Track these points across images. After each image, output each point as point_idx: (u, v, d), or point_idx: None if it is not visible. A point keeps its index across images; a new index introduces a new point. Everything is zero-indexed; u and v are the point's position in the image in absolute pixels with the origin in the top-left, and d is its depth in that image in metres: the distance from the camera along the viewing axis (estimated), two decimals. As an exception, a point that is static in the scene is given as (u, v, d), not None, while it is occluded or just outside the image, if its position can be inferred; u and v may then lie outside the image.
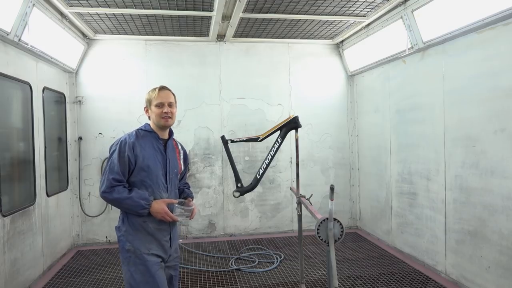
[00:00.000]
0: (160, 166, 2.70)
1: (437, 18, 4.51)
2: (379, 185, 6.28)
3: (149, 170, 2.65)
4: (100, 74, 6.39)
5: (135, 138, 2.68)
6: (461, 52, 4.33)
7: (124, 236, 2.65)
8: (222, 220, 6.76)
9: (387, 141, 5.98)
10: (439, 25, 4.50)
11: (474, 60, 4.14)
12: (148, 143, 2.70)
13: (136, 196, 2.58)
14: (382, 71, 6.08)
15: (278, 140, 4.45)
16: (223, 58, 6.71)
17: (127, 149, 2.63)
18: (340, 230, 3.24)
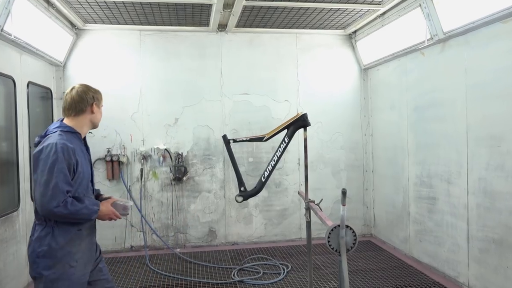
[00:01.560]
0: (89, 169, 2.82)
1: (458, 6, 4.55)
2: (395, 189, 6.33)
3: (83, 175, 2.73)
4: (90, 68, 6.46)
5: (69, 142, 2.66)
6: (485, 44, 4.37)
7: (47, 252, 2.62)
8: (223, 227, 6.83)
9: (404, 140, 6.02)
10: (461, 14, 4.53)
11: (499, 52, 4.18)
12: (77, 146, 2.73)
13: (89, 204, 2.68)
14: (399, 64, 6.13)
15: (285, 139, 4.46)
16: (225, 50, 6.79)
17: (72, 156, 2.64)
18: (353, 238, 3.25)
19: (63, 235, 2.66)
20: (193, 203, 6.74)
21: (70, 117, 2.85)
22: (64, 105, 2.88)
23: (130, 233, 6.59)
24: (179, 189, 6.69)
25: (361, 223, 7.23)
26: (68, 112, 2.85)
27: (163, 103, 6.63)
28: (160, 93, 6.64)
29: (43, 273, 2.62)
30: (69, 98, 2.85)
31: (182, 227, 6.72)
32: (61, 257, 2.65)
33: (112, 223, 6.36)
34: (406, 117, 5.97)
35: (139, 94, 6.58)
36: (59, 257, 2.64)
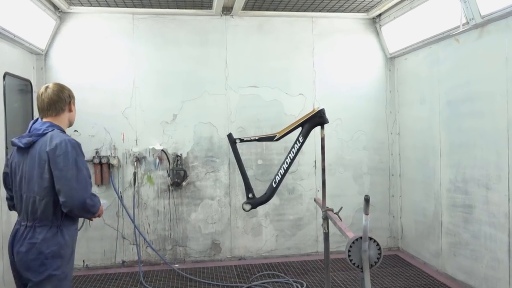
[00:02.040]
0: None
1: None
2: (425, 196, 6.43)
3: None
4: (75, 56, 6.57)
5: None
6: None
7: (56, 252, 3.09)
8: (228, 240, 6.96)
9: (436, 139, 6.12)
10: (502, -5, 4.56)
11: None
12: None
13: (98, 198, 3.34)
14: (430, 53, 6.23)
15: (299, 139, 4.57)
16: (230, 36, 6.92)
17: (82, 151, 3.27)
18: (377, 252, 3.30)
19: (69, 234, 3.19)
20: (194, 212, 6.87)
21: (49, 117, 3.27)
22: (41, 106, 3.27)
23: (122, 246, 6.72)
24: (177, 196, 6.82)
25: (387, 235, 7.34)
26: (47, 112, 3.26)
27: (159, 97, 6.75)
28: (156, 86, 6.76)
29: (54, 274, 3.07)
30: (46, 99, 3.25)
31: (181, 240, 6.84)
32: (69, 255, 3.19)
33: (101, 235, 6.58)
34: (438, 113, 6.06)
35: (132, 87, 6.70)
36: (67, 256, 3.17)
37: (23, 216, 3.19)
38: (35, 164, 3.11)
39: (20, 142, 3.15)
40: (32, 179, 3.13)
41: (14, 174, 3.28)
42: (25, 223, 3.14)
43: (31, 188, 3.13)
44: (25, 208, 3.15)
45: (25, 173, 3.17)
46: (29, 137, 3.14)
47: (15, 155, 3.28)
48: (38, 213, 3.10)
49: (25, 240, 3.08)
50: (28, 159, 3.16)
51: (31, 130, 3.22)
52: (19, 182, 3.22)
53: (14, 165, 3.28)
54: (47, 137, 3.12)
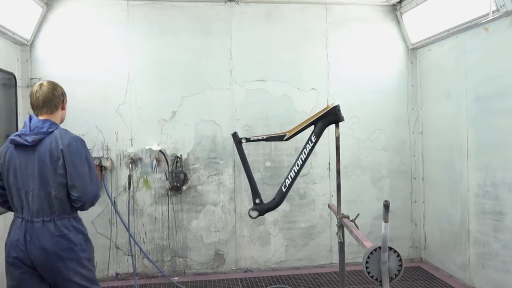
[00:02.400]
0: None
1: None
2: (451, 201, 6.51)
3: None
4: (64, 47, 6.67)
5: None
6: None
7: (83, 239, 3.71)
8: (233, 250, 7.06)
9: (463, 139, 6.18)
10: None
11: None
12: None
13: None
14: (456, 43, 6.31)
15: (311, 138, 4.69)
16: (235, 25, 7.03)
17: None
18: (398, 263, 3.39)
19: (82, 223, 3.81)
20: (195, 219, 6.96)
21: (45, 115, 3.71)
22: (36, 103, 3.71)
23: (115, 257, 6.81)
24: (177, 202, 6.93)
25: (408, 245, 7.41)
26: (42, 110, 3.71)
27: (157, 92, 6.85)
28: (153, 80, 6.86)
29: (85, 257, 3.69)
30: (41, 96, 3.68)
31: (181, 250, 6.93)
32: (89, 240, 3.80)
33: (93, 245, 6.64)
34: (465, 110, 6.12)
35: (127, 80, 6.81)
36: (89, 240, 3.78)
37: (33, 212, 3.56)
38: (46, 161, 3.54)
39: (24, 141, 3.52)
40: (44, 176, 3.55)
41: (11, 171, 3.62)
42: (40, 219, 3.55)
43: (44, 184, 3.55)
44: (38, 204, 3.54)
45: (34, 170, 3.56)
46: (35, 135, 3.55)
47: (13, 153, 3.61)
48: (55, 207, 3.58)
49: (49, 233, 3.53)
50: (35, 156, 3.56)
51: (32, 128, 3.58)
52: (22, 179, 3.58)
53: (11, 162, 3.61)
54: (55, 135, 3.58)
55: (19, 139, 3.55)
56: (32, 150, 3.57)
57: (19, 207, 3.63)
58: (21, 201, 3.62)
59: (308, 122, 4.73)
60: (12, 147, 3.63)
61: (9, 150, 3.65)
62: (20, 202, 3.62)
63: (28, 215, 3.57)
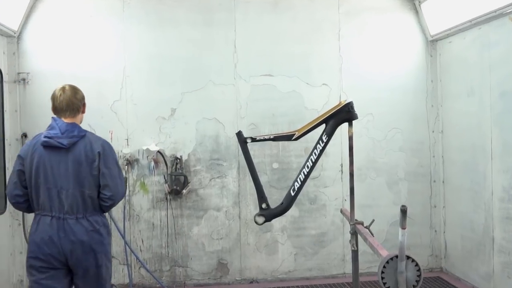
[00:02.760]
0: None
1: None
2: (474, 206, 6.32)
3: None
4: (54, 39, 6.49)
5: None
6: None
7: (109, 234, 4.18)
8: (237, 259, 6.85)
9: (487, 139, 6.01)
10: None
11: None
12: None
13: None
14: (479, 34, 6.14)
15: (322, 138, 4.49)
16: (240, 15, 6.84)
17: None
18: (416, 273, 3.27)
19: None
20: (196, 225, 6.77)
21: (69, 118, 4.04)
22: (60, 107, 4.04)
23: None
24: (177, 207, 6.73)
25: (428, 253, 7.22)
26: (65, 113, 4.04)
27: (155, 88, 6.68)
28: (150, 75, 6.70)
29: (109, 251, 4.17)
30: (64, 100, 4.03)
31: (181, 259, 6.75)
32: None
33: None
34: (489, 107, 5.96)
35: (122, 75, 6.63)
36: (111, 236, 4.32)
37: (66, 210, 3.90)
38: (82, 162, 3.93)
39: (60, 143, 3.88)
40: (79, 176, 3.93)
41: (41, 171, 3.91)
42: (73, 216, 3.91)
43: (79, 184, 3.93)
44: (68, 201, 3.90)
45: (67, 170, 3.91)
46: (69, 138, 3.92)
47: (44, 154, 3.91)
48: (88, 205, 3.98)
49: (84, 228, 3.93)
50: (69, 158, 3.91)
51: (63, 131, 3.92)
52: (54, 179, 3.90)
53: (41, 163, 3.91)
54: (89, 139, 4.03)
55: (53, 141, 3.88)
56: (66, 152, 3.91)
57: (48, 205, 3.91)
58: (51, 200, 3.91)
59: (319, 120, 4.59)
60: (41, 148, 3.91)
61: (37, 151, 3.93)
62: (50, 200, 3.91)
63: (59, 212, 3.90)
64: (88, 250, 3.94)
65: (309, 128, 4.62)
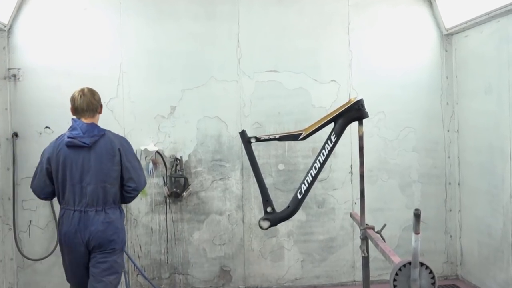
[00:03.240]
0: None
1: None
2: (492, 210, 6.16)
3: None
4: (46, 33, 6.43)
5: None
6: None
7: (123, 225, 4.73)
8: (241, 266, 6.75)
9: (505, 139, 5.83)
10: None
11: None
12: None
13: None
14: (497, 28, 5.96)
15: (331, 138, 4.46)
16: (244, 8, 6.74)
17: None
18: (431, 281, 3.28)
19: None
20: (197, 230, 6.68)
21: (88, 118, 4.57)
22: (80, 108, 4.56)
23: None
24: (176, 210, 6.64)
25: (443, 260, 7.05)
26: (85, 114, 4.57)
27: (153, 84, 6.61)
28: (149, 71, 6.62)
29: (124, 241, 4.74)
30: (84, 102, 4.55)
31: (181, 266, 6.66)
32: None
33: None
34: (508, 105, 5.77)
35: (119, 72, 6.56)
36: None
37: (87, 203, 4.42)
38: (104, 159, 4.46)
39: (83, 143, 4.41)
40: (101, 172, 4.45)
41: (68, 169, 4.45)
42: (94, 208, 4.43)
43: (101, 179, 4.44)
44: (91, 196, 4.42)
45: (89, 167, 4.43)
46: (91, 137, 4.45)
47: (68, 153, 4.44)
48: (107, 198, 4.50)
49: (101, 220, 4.44)
50: (91, 155, 4.43)
51: (84, 131, 4.45)
52: (78, 175, 4.42)
53: (67, 161, 4.44)
54: (108, 137, 4.57)
55: (76, 141, 4.41)
56: (88, 150, 4.44)
57: (71, 200, 4.46)
58: (75, 195, 4.45)
59: (328, 119, 4.54)
60: (65, 148, 4.44)
61: (62, 151, 4.46)
62: (73, 195, 4.45)
63: (81, 206, 4.44)
64: (104, 239, 4.48)
65: (317, 127, 4.59)
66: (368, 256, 4.52)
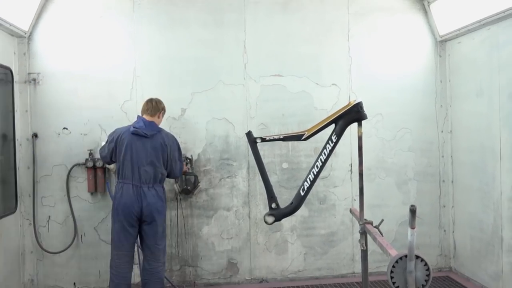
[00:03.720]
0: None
1: None
2: (483, 206, 6.34)
3: None
4: (64, 40, 6.51)
5: None
6: None
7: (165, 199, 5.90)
8: (247, 259, 6.90)
9: (496, 139, 6.03)
10: None
11: None
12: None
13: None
14: (489, 35, 6.14)
15: (332, 138, 4.51)
16: (250, 16, 6.86)
17: None
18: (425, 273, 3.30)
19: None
20: (206, 225, 6.81)
21: (151, 117, 5.81)
22: (146, 108, 5.83)
23: None
24: (187, 206, 6.78)
25: (437, 253, 7.24)
26: (147, 113, 5.82)
27: (165, 88, 6.66)
28: (160, 75, 6.73)
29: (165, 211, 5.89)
30: (151, 106, 5.83)
31: (191, 258, 6.79)
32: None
33: (95, 253, 6.56)
34: (498, 108, 5.97)
35: (133, 76, 6.66)
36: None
37: (142, 180, 5.56)
38: (158, 149, 5.64)
39: (144, 134, 5.57)
40: (155, 158, 5.62)
41: (129, 151, 5.57)
42: (146, 185, 5.57)
43: (154, 163, 5.61)
44: (145, 175, 5.57)
45: (147, 153, 5.59)
46: (152, 130, 5.63)
47: (130, 138, 5.58)
48: (157, 178, 5.66)
49: (152, 194, 5.60)
50: (148, 144, 5.60)
51: (147, 125, 5.63)
52: (136, 157, 5.56)
53: (129, 145, 5.57)
54: (164, 133, 5.80)
55: (140, 131, 5.57)
56: (146, 140, 5.59)
57: (130, 176, 5.56)
58: (133, 173, 5.56)
59: (329, 120, 4.59)
60: (130, 135, 5.58)
61: (126, 137, 5.59)
62: (132, 173, 5.56)
63: (138, 182, 5.55)
64: (155, 210, 5.58)
65: (319, 128, 4.63)
66: (367, 249, 4.59)
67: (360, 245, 4.52)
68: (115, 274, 5.65)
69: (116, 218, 5.61)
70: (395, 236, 6.95)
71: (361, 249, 4.56)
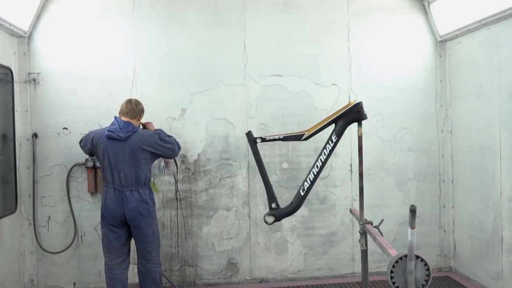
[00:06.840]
0: None
1: None
2: (483, 206, 6.34)
3: None
4: (65, 40, 6.52)
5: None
6: None
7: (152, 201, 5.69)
8: (247, 259, 6.89)
9: (496, 139, 6.02)
10: None
11: None
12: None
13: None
14: (488, 35, 6.13)
15: (332, 138, 4.50)
16: (250, 16, 6.85)
17: None
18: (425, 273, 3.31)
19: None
20: (206, 225, 6.81)
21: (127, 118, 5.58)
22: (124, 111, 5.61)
23: None
24: (187, 206, 6.77)
25: (437, 253, 7.24)
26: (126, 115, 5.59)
27: (164, 88, 6.71)
28: (161, 75, 6.73)
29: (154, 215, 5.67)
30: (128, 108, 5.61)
31: (191, 258, 6.79)
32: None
33: (95, 253, 6.49)
34: (498, 108, 5.96)
35: (133, 76, 6.66)
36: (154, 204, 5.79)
37: (123, 184, 5.44)
38: (136, 151, 5.44)
39: (118, 136, 5.40)
40: (133, 160, 5.44)
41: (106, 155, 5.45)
42: (129, 189, 5.45)
43: (134, 165, 5.44)
44: (125, 179, 5.43)
45: (125, 156, 5.42)
46: (127, 132, 5.43)
47: (107, 143, 5.44)
48: (139, 181, 5.50)
49: (135, 198, 5.45)
50: (125, 146, 5.42)
51: (121, 127, 5.44)
52: (114, 161, 5.43)
53: (106, 149, 5.45)
54: (140, 132, 5.56)
55: (113, 134, 5.40)
56: (123, 142, 5.41)
57: (111, 180, 5.47)
58: (113, 177, 5.45)
59: (329, 120, 4.59)
60: (105, 138, 5.44)
61: (101, 139, 5.48)
62: (112, 177, 5.46)
63: (119, 186, 5.44)
64: (136, 213, 5.44)
65: (319, 128, 4.63)
66: (367, 249, 4.61)
67: (360, 245, 4.52)
68: (109, 276, 5.61)
69: (103, 221, 5.56)
70: (395, 236, 6.97)
71: (361, 249, 4.57)
